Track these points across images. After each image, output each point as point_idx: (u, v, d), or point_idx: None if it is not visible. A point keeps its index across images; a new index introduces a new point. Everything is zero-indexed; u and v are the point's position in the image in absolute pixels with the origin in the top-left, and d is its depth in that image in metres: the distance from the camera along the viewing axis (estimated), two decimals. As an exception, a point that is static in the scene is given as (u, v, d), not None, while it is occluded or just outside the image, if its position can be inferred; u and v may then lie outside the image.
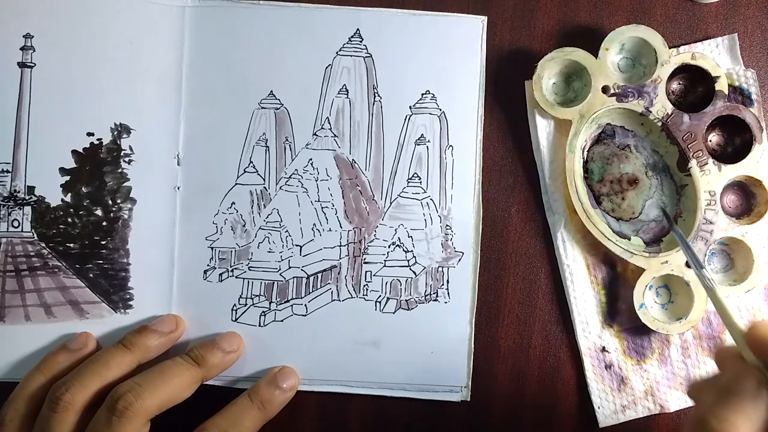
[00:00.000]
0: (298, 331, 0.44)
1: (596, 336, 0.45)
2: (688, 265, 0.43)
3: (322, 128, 0.45)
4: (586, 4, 0.47)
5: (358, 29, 0.45)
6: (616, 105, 0.44)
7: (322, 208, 0.45)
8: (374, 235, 0.45)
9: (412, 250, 0.45)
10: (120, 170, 0.44)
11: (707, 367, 0.45)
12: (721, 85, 0.44)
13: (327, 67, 0.45)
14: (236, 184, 0.45)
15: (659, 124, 0.44)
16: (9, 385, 0.41)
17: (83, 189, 0.44)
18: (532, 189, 0.46)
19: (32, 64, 0.44)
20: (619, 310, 0.45)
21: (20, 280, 0.43)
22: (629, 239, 0.45)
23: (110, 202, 0.44)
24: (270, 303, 0.44)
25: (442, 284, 0.45)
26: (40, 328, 0.43)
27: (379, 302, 0.45)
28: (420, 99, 0.45)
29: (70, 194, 0.44)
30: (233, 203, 0.45)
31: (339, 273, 0.45)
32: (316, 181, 0.45)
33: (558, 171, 0.45)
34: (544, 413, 0.45)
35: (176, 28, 0.45)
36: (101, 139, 0.44)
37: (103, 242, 0.44)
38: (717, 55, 0.46)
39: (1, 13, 0.44)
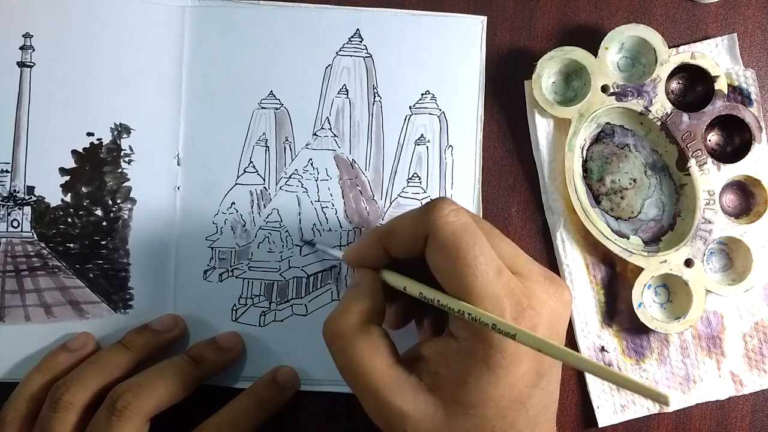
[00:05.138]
0: (298, 331, 0.44)
1: (595, 336, 0.45)
2: (687, 264, 0.44)
3: (322, 128, 0.45)
4: (586, 4, 0.47)
5: (358, 29, 0.45)
6: (615, 104, 0.44)
7: (322, 208, 0.45)
8: (374, 235, 0.45)
9: (412, 250, 0.45)
10: (120, 170, 0.44)
11: (707, 366, 0.45)
12: (721, 85, 0.44)
13: (327, 67, 0.45)
14: (236, 184, 0.45)
15: (658, 123, 0.44)
16: (9, 385, 0.41)
17: (83, 189, 0.44)
18: (532, 189, 0.46)
19: (32, 64, 0.44)
20: (618, 310, 0.45)
21: (20, 280, 0.43)
22: (628, 238, 0.45)
23: (110, 202, 0.44)
24: (270, 303, 0.44)
25: (442, 284, 0.45)
26: (40, 328, 0.43)
27: (379, 302, 0.45)
28: (420, 99, 0.45)
29: (70, 194, 0.44)
30: (233, 203, 0.45)
31: (339, 273, 0.45)
32: (316, 181, 0.45)
33: (557, 170, 0.45)
34: (543, 412, 0.45)
35: (176, 28, 0.45)
36: (101, 139, 0.44)
37: (103, 242, 0.44)
38: (716, 55, 0.46)
39: (1, 13, 0.43)
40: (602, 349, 0.45)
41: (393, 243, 0.35)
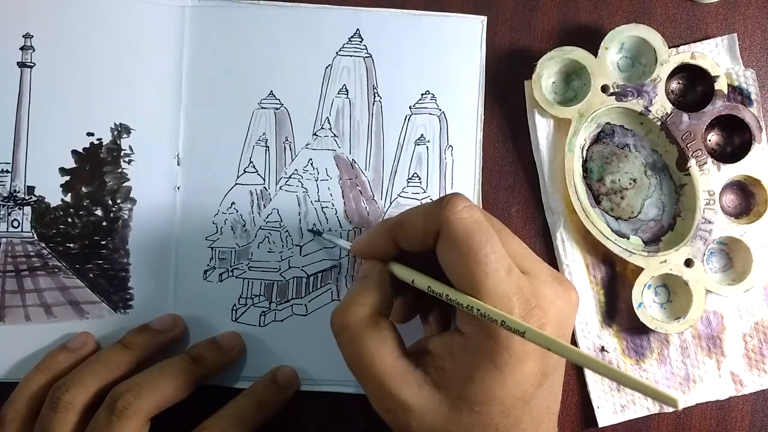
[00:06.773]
0: (298, 331, 0.44)
1: (595, 336, 0.45)
2: (687, 264, 0.44)
3: (322, 128, 0.45)
4: (586, 4, 0.47)
5: (358, 29, 0.45)
6: (615, 104, 0.44)
7: (322, 208, 0.45)
8: (374, 235, 0.45)
9: (412, 250, 0.45)
10: (120, 170, 0.44)
11: (707, 366, 0.45)
12: (721, 85, 0.44)
13: (327, 67, 0.45)
14: (236, 184, 0.45)
15: (658, 123, 0.44)
16: (9, 385, 0.41)
17: (83, 189, 0.44)
18: (532, 189, 0.46)
19: (32, 64, 0.44)
20: (618, 310, 0.45)
21: (20, 280, 0.43)
22: (628, 238, 0.45)
23: (110, 202, 0.44)
24: (270, 303, 0.44)
25: (442, 284, 0.45)
26: (40, 328, 0.43)
27: (379, 302, 0.45)
28: (420, 99, 0.45)
29: (70, 194, 0.44)
30: (233, 203, 0.45)
31: (339, 273, 0.45)
32: (316, 181, 0.45)
33: (557, 170, 0.45)
34: (543, 412, 0.45)
35: (176, 28, 0.45)
36: (101, 139, 0.44)
37: (103, 242, 0.44)
38: (716, 55, 0.46)
39: (1, 13, 0.44)
40: (602, 349, 0.45)
41: (403, 235, 0.35)
